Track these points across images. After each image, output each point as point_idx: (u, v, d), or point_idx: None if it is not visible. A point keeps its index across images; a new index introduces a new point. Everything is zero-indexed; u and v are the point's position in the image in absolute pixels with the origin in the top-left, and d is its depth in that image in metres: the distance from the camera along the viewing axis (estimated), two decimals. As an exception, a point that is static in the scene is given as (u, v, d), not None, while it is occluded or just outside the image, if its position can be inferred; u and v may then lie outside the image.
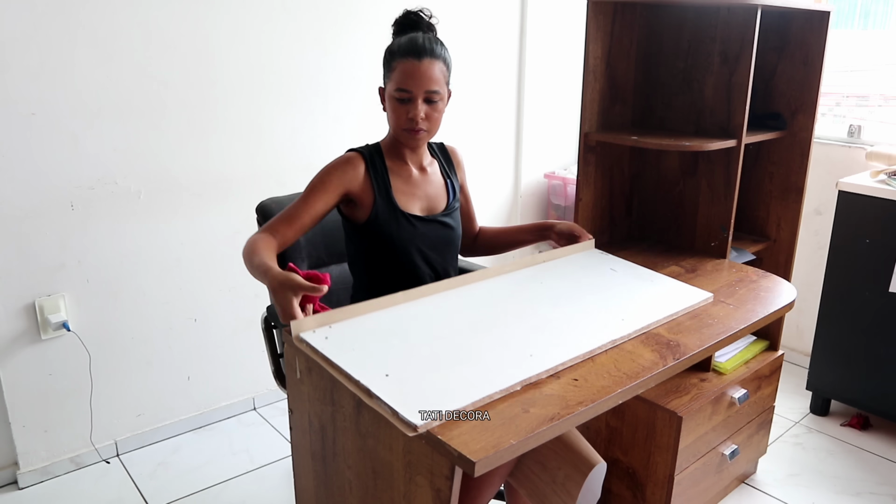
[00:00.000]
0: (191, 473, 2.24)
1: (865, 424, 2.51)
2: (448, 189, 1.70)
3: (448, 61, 1.57)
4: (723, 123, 1.97)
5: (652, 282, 1.68)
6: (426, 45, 1.53)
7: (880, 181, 2.32)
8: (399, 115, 1.55)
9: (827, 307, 2.48)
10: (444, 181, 1.70)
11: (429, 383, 1.17)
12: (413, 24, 1.60)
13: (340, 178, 1.56)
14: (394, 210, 1.59)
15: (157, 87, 2.14)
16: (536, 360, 1.27)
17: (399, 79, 1.52)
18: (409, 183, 1.63)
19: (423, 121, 1.54)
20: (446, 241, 1.69)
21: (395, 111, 1.55)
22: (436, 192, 1.68)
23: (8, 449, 2.15)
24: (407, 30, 1.59)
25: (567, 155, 3.38)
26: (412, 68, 1.51)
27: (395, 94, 1.53)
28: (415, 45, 1.52)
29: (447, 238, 1.69)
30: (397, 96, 1.53)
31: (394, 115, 1.56)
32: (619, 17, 2.01)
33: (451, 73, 1.59)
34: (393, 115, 1.56)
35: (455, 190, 1.72)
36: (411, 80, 1.51)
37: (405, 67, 1.51)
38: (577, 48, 3.09)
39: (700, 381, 1.92)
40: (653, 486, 1.84)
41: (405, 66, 1.51)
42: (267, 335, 1.76)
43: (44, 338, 2.10)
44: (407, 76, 1.51)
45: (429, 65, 1.52)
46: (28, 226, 2.01)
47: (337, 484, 1.38)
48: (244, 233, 2.38)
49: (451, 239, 1.70)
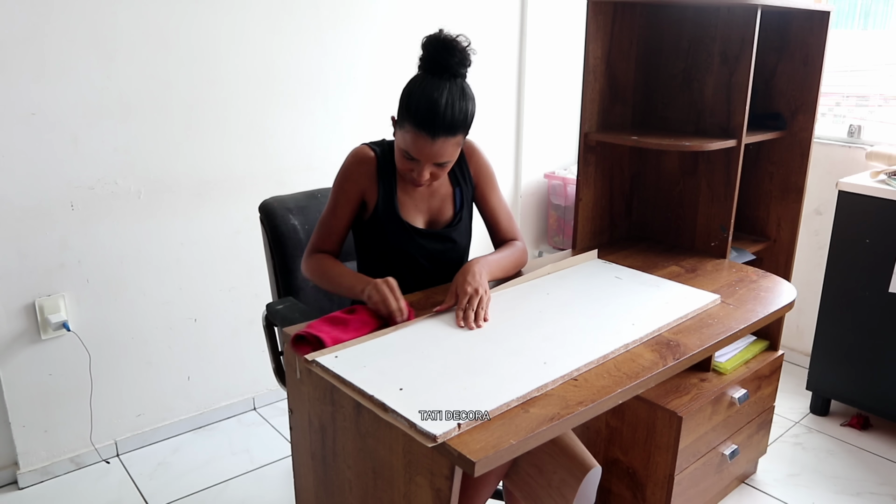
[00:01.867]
0: (191, 473, 2.24)
1: (865, 424, 2.51)
2: (455, 200, 1.65)
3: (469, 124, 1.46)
4: (723, 123, 1.97)
5: (658, 287, 1.69)
6: (445, 120, 1.39)
7: (880, 181, 2.32)
8: (404, 167, 1.50)
9: (827, 307, 2.48)
10: (451, 190, 1.65)
11: (444, 395, 1.16)
12: (446, 49, 1.42)
13: (357, 181, 1.57)
14: (393, 216, 1.58)
15: (158, 87, 2.14)
16: (550, 367, 1.27)
17: (408, 145, 1.44)
18: (413, 194, 1.61)
19: (426, 180, 1.50)
20: (446, 256, 1.66)
21: (401, 162, 1.49)
22: (440, 205, 1.65)
23: (8, 449, 2.15)
24: (435, 67, 1.43)
25: (567, 155, 3.38)
26: (423, 144, 1.42)
27: (402, 150, 1.47)
28: (433, 118, 1.39)
29: (447, 252, 1.66)
30: (405, 155, 1.47)
31: (399, 162, 1.50)
32: (619, 17, 2.01)
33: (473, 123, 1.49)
34: (399, 160, 1.50)
35: (464, 199, 1.66)
36: (421, 154, 1.44)
37: (417, 140, 1.41)
38: (577, 48, 3.09)
39: (700, 381, 1.92)
40: (653, 486, 1.84)
41: (417, 139, 1.41)
42: (268, 333, 1.76)
43: (44, 338, 2.10)
44: (417, 149, 1.43)
45: (442, 144, 1.42)
46: (28, 226, 2.01)
47: (337, 484, 1.38)
48: (244, 233, 2.39)
49: (451, 253, 1.67)
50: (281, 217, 1.79)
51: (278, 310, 1.65)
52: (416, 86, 1.44)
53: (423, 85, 1.43)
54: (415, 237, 1.60)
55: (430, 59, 1.44)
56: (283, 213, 1.80)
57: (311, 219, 1.83)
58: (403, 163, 1.49)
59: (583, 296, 1.61)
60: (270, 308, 1.68)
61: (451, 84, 1.42)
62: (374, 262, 1.64)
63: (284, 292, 1.81)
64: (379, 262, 1.63)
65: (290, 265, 1.79)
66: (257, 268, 2.41)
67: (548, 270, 1.74)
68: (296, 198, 1.86)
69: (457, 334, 1.39)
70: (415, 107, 1.41)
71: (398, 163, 1.52)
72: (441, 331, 1.41)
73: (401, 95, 1.46)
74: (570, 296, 1.60)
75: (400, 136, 1.47)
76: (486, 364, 1.28)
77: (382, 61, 2.61)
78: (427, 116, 1.39)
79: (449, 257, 1.67)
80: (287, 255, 1.78)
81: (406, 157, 1.47)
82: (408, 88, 1.45)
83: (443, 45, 1.42)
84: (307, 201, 1.86)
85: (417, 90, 1.43)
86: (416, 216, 1.62)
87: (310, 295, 1.82)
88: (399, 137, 1.47)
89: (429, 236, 1.62)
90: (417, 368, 1.25)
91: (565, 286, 1.66)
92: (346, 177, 1.58)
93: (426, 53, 1.44)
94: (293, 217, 1.80)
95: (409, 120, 1.42)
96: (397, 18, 2.61)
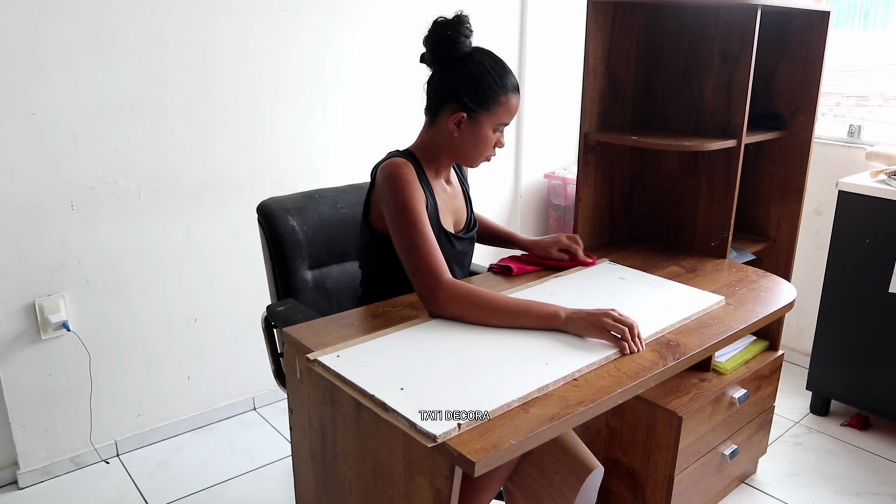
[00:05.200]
0: (191, 473, 2.24)
1: (865, 424, 2.51)
2: (467, 199, 1.70)
3: None
4: (723, 123, 1.97)
5: (662, 288, 1.69)
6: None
7: (880, 181, 2.32)
8: (489, 146, 1.54)
9: (827, 307, 2.48)
10: (462, 189, 1.70)
11: (446, 395, 1.16)
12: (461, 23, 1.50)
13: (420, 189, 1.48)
14: (438, 229, 1.55)
15: (158, 86, 2.14)
16: (552, 367, 1.26)
17: (506, 113, 1.51)
18: (442, 198, 1.61)
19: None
20: (469, 257, 1.69)
21: (487, 141, 1.53)
22: (460, 204, 1.67)
23: (8, 449, 2.15)
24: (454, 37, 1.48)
25: (567, 155, 3.38)
26: (517, 104, 1.52)
27: (495, 126, 1.52)
28: (514, 80, 1.52)
29: (470, 253, 1.70)
30: (497, 128, 1.53)
31: (484, 144, 1.53)
32: (619, 17, 2.01)
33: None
34: (482, 144, 1.53)
35: (471, 199, 1.71)
36: (512, 116, 1.53)
37: (513, 103, 1.51)
38: (577, 48, 3.09)
39: (700, 381, 1.92)
40: (653, 486, 1.84)
41: (513, 102, 1.51)
42: (267, 335, 1.76)
43: (44, 338, 2.10)
44: (513, 111, 1.52)
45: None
46: (28, 226, 2.01)
47: (337, 484, 1.38)
48: (244, 233, 2.39)
49: (471, 253, 1.70)
50: (279, 218, 1.78)
51: (279, 311, 1.65)
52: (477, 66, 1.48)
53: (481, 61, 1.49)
54: (452, 241, 1.61)
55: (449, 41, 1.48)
56: (282, 213, 1.79)
57: (310, 219, 1.83)
58: (490, 140, 1.53)
59: (587, 296, 1.60)
60: (271, 310, 1.68)
61: (482, 50, 1.53)
62: (399, 268, 1.52)
63: (283, 293, 1.80)
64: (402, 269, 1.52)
65: (289, 266, 1.79)
66: (257, 268, 2.41)
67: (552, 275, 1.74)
68: (294, 198, 1.85)
69: (459, 335, 1.39)
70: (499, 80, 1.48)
71: (477, 149, 1.54)
72: (443, 331, 1.41)
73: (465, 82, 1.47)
74: (574, 297, 1.59)
75: (489, 117, 1.50)
76: (487, 364, 1.27)
77: (383, 61, 2.61)
78: (513, 80, 1.50)
79: (469, 258, 1.70)
80: (285, 256, 1.78)
81: (495, 133, 1.53)
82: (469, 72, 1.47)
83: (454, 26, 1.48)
84: (305, 202, 1.85)
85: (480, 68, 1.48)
86: (447, 220, 1.62)
87: (309, 296, 1.81)
88: (488, 118, 1.50)
89: (459, 239, 1.63)
90: (419, 368, 1.25)
91: (569, 287, 1.66)
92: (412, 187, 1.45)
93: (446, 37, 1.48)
94: (291, 218, 1.80)
95: (502, 91, 1.48)
96: (397, 19, 2.61)
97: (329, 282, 1.87)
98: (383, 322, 1.45)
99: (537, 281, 1.70)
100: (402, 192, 1.44)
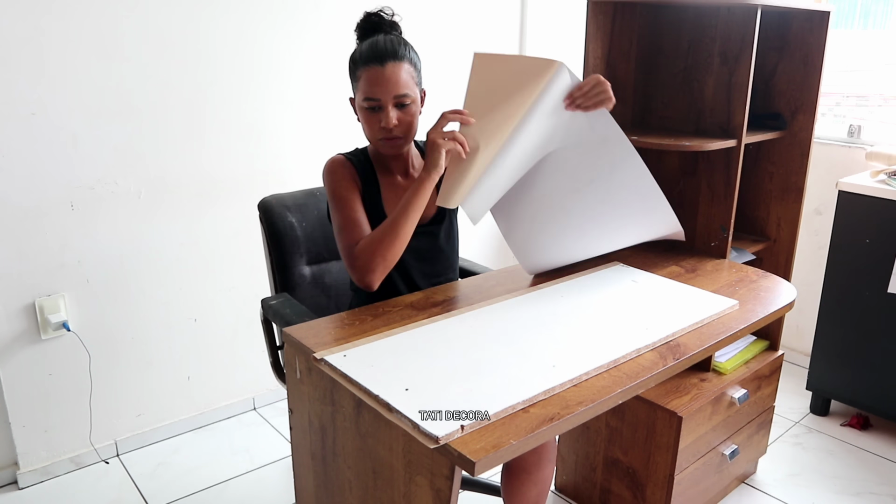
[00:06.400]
0: (191, 473, 2.24)
1: (865, 424, 2.51)
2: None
3: (415, 61, 1.53)
4: (723, 123, 1.97)
5: (674, 291, 1.67)
6: (388, 49, 1.48)
7: (880, 181, 2.32)
8: (372, 125, 1.51)
9: (827, 307, 2.48)
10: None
11: (451, 396, 1.16)
12: (375, 25, 1.57)
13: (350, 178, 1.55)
14: (380, 214, 1.56)
15: (158, 86, 2.14)
16: (559, 370, 1.26)
17: (365, 87, 1.49)
18: (395, 192, 1.60)
19: (396, 127, 1.50)
20: (433, 252, 1.65)
21: (368, 121, 1.52)
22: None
23: (8, 449, 2.15)
24: (370, 33, 1.56)
25: (567, 155, 3.37)
26: (377, 75, 1.47)
27: (364, 104, 1.50)
28: (376, 49, 1.48)
29: (434, 249, 1.65)
30: (366, 105, 1.50)
31: (367, 125, 1.52)
32: (619, 17, 2.01)
33: (421, 73, 1.56)
34: (366, 125, 1.53)
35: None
36: (377, 88, 1.47)
37: (369, 75, 1.48)
38: (577, 48, 3.09)
39: (700, 381, 1.92)
40: (653, 486, 1.84)
41: (369, 74, 1.48)
42: (266, 328, 1.76)
43: (44, 338, 2.10)
44: (372, 84, 1.48)
45: (393, 69, 1.47)
46: (28, 226, 2.01)
47: (337, 484, 1.38)
48: (244, 233, 2.39)
49: (437, 250, 1.66)
50: (279, 214, 1.80)
51: (271, 305, 1.66)
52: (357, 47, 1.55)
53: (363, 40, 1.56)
54: None
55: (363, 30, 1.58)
56: (281, 210, 1.81)
57: (309, 216, 1.84)
58: (370, 120, 1.51)
59: (597, 299, 1.59)
60: (265, 303, 1.70)
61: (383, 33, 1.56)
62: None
63: (282, 289, 1.82)
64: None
65: (288, 262, 1.80)
66: (257, 268, 2.41)
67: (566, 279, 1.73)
68: (294, 196, 1.87)
69: (466, 335, 1.39)
70: (358, 54, 1.51)
71: (367, 130, 1.53)
72: (450, 331, 1.40)
73: (348, 66, 1.55)
74: (584, 299, 1.58)
75: (359, 94, 1.51)
76: (494, 366, 1.27)
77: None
78: (371, 51, 1.49)
79: (434, 255, 1.66)
80: (285, 252, 1.79)
81: (370, 111, 1.50)
82: (350, 55, 1.54)
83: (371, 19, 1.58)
84: (305, 199, 1.87)
85: (357, 47, 1.54)
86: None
87: (307, 291, 1.82)
88: (358, 96, 1.52)
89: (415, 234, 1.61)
90: (425, 369, 1.25)
91: (580, 289, 1.65)
92: (339, 177, 1.55)
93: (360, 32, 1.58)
94: (291, 214, 1.81)
95: (357, 67, 1.50)
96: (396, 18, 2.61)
97: (328, 277, 1.88)
98: (384, 322, 1.45)
99: (548, 284, 1.69)
100: (330, 183, 1.55)
